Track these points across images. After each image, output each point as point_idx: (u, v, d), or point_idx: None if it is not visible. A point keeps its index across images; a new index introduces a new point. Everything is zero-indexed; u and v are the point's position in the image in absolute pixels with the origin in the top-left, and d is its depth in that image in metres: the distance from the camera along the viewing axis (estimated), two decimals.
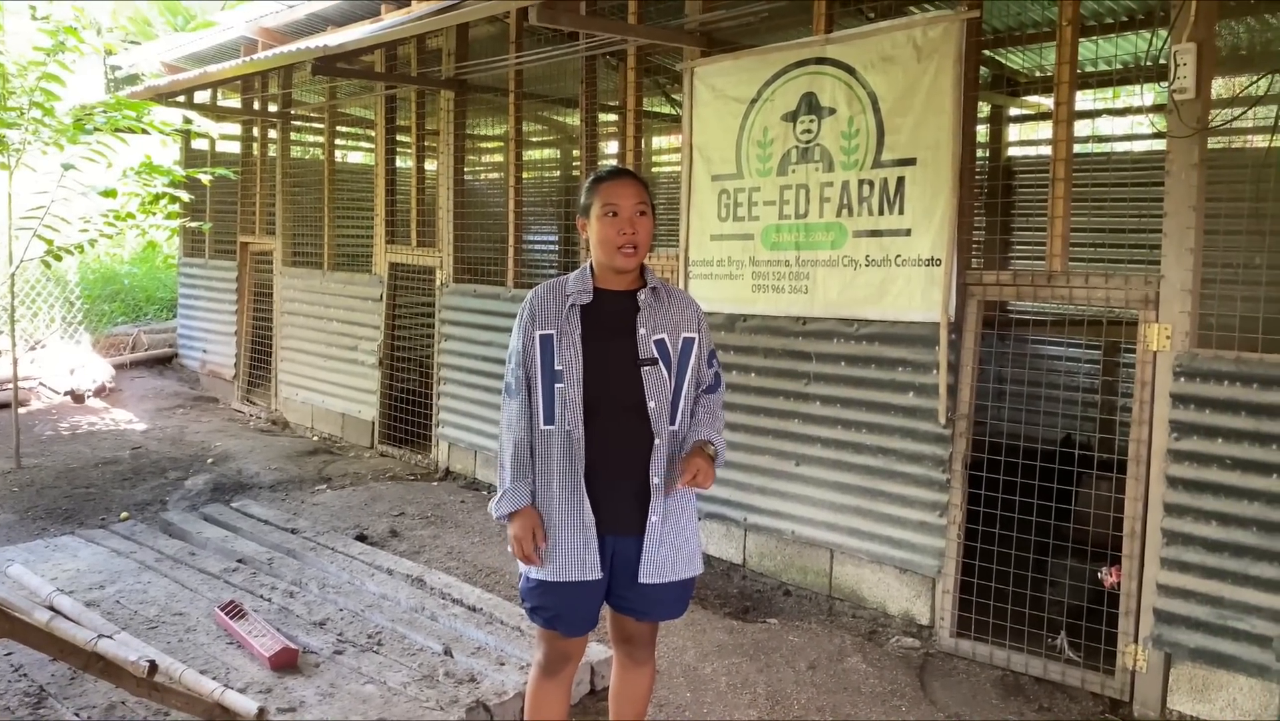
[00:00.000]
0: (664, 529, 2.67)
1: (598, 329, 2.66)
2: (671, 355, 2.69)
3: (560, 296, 2.70)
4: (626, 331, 2.67)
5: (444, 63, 7.05)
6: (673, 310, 2.74)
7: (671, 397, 2.69)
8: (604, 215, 2.65)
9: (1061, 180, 3.97)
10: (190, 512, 5.92)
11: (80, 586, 4.58)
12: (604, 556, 2.66)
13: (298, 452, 7.74)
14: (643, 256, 2.69)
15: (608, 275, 2.71)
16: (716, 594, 4.94)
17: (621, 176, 2.73)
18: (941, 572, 4.37)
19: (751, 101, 4.93)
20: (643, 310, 2.69)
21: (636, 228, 2.64)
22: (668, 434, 2.68)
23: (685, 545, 2.74)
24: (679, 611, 2.85)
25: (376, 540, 5.56)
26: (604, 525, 2.65)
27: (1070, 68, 3.94)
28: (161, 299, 12.69)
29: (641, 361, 2.65)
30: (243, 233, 9.80)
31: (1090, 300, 3.96)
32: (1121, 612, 3.85)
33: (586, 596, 2.70)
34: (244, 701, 3.15)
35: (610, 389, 2.64)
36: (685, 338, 2.73)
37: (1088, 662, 3.97)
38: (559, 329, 2.66)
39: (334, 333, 8.42)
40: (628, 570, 2.68)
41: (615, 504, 2.66)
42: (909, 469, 4.48)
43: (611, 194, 2.66)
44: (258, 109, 9.36)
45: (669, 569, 2.69)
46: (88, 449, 7.65)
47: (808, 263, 4.77)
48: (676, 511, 2.71)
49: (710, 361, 2.82)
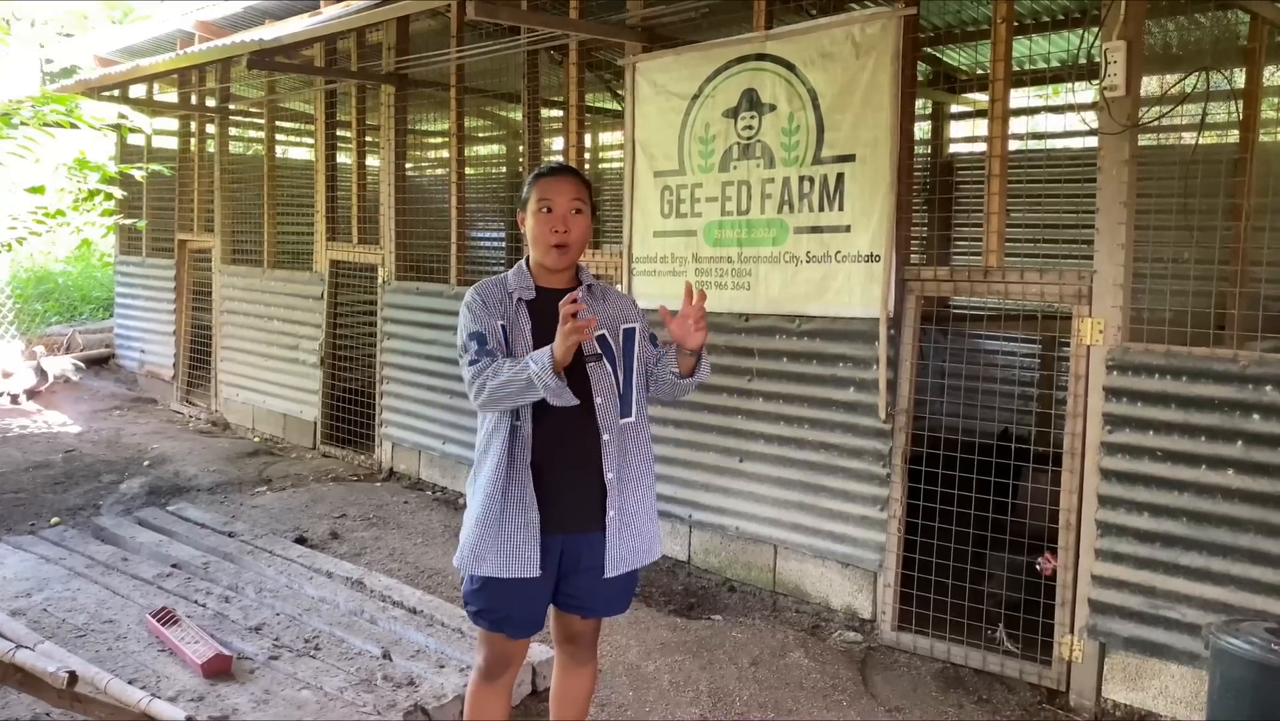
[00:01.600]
0: (623, 521, 2.66)
1: (544, 325, 2.61)
2: (615, 349, 2.68)
3: (503, 291, 2.66)
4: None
5: (384, 57, 6.95)
6: (609, 306, 2.73)
7: (621, 391, 2.67)
8: (538, 210, 2.62)
9: (997, 177, 4.01)
10: (124, 517, 5.78)
11: (6, 595, 4.43)
12: (551, 555, 2.63)
13: (238, 454, 7.59)
14: (576, 255, 2.66)
15: (543, 272, 2.68)
16: (661, 591, 4.93)
17: (561, 173, 2.69)
18: (883, 566, 4.39)
19: (693, 97, 4.92)
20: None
21: (569, 225, 2.60)
22: (618, 428, 2.66)
23: (646, 532, 2.74)
24: (623, 606, 2.84)
25: (316, 542, 5.46)
26: (554, 523, 2.61)
27: (1005, 65, 3.98)
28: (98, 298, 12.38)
29: (586, 357, 2.61)
30: (181, 230, 9.58)
31: (1026, 295, 4.01)
32: (1058, 604, 3.90)
33: (531, 596, 2.66)
34: (171, 710, 3.06)
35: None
36: (625, 329, 2.72)
37: (1025, 654, 4.02)
38: (509, 321, 2.63)
39: (275, 331, 8.28)
40: (578, 566, 2.66)
41: (566, 502, 2.63)
42: (850, 464, 4.50)
43: (547, 189, 2.63)
44: (195, 104, 9.16)
45: (631, 558, 2.70)
46: (18, 452, 7.44)
47: (750, 259, 4.77)
48: (635, 502, 2.70)
49: (654, 341, 2.82)
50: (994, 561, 4.26)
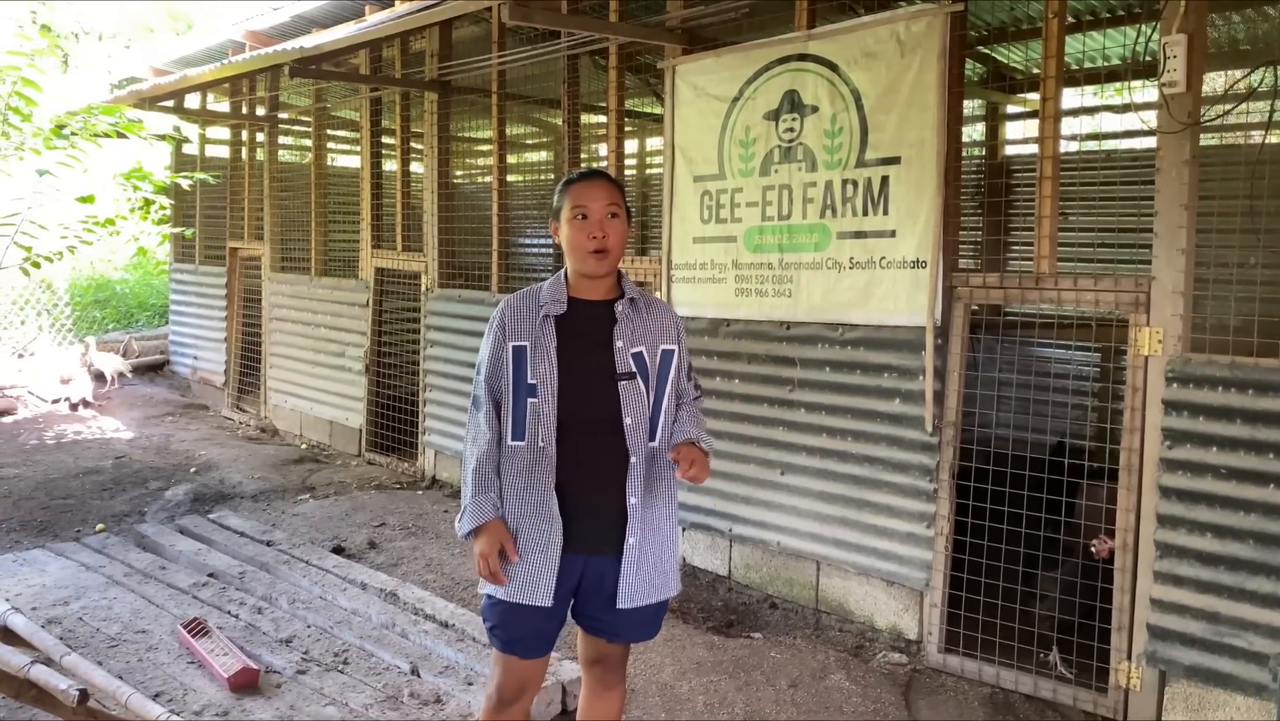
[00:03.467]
0: (641, 551, 2.55)
1: (573, 341, 2.53)
2: (650, 369, 2.57)
3: (533, 306, 2.57)
4: (603, 344, 2.54)
5: (427, 64, 6.93)
6: (651, 322, 2.61)
7: (650, 413, 2.57)
8: (574, 218, 2.52)
9: (1049, 179, 3.82)
10: (166, 525, 5.80)
11: (44, 603, 4.46)
12: (572, 577, 2.54)
13: (283, 461, 7.62)
14: (615, 261, 2.56)
15: (582, 283, 2.59)
16: (700, 607, 4.80)
17: (592, 178, 2.60)
18: (929, 585, 4.22)
19: (733, 100, 4.80)
20: (620, 322, 2.56)
21: (607, 230, 2.50)
22: (645, 451, 2.55)
23: (663, 566, 2.62)
24: (652, 632, 2.73)
25: (354, 552, 5.43)
26: (578, 545, 2.52)
27: (1057, 63, 3.79)
28: (153, 305, 12.59)
29: (619, 375, 2.52)
30: (232, 238, 9.69)
31: (1079, 303, 3.81)
32: (1114, 628, 3.70)
33: (543, 620, 2.57)
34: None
35: (585, 404, 2.51)
36: (664, 350, 2.61)
37: (1080, 680, 3.82)
38: (532, 341, 2.53)
39: (321, 339, 8.31)
40: (601, 591, 2.56)
41: (590, 523, 2.53)
42: (895, 478, 4.34)
43: (581, 195, 2.53)
44: (245, 113, 9.25)
45: (646, 592, 2.57)
46: (70, 458, 7.54)
47: (791, 265, 4.62)
48: (655, 531, 2.59)
49: (690, 375, 2.72)
50: (1046, 581, 4.06)
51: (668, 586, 2.64)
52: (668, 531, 2.64)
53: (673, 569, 2.66)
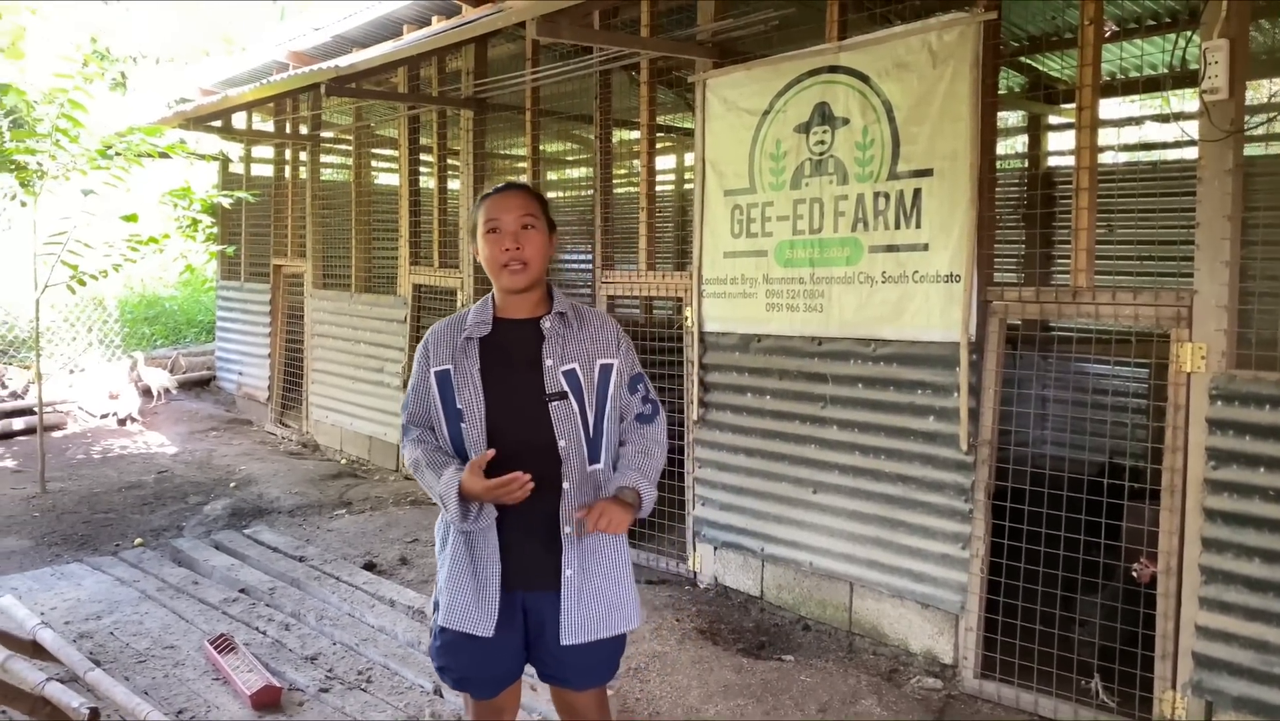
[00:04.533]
0: (582, 583, 2.38)
1: (498, 362, 2.41)
2: (584, 387, 2.41)
3: (458, 330, 2.45)
4: (531, 364, 2.40)
5: (463, 82, 6.96)
6: (585, 336, 2.45)
7: (590, 434, 2.41)
8: (487, 232, 2.39)
9: (1085, 190, 3.71)
10: (202, 540, 5.85)
11: (77, 617, 4.50)
12: (513, 613, 2.39)
13: (322, 476, 7.67)
14: (535, 273, 2.41)
15: (509, 302, 2.45)
16: (731, 628, 4.71)
17: (506, 190, 2.47)
18: (964, 609, 4.10)
19: (764, 113, 4.74)
20: (548, 339, 2.41)
21: (521, 242, 2.37)
22: (583, 475, 2.39)
23: (612, 598, 2.43)
24: (607, 676, 2.54)
25: (385, 568, 5.42)
26: (514, 579, 2.37)
27: (1094, 71, 3.68)
28: (201, 321, 12.81)
29: (549, 396, 2.37)
30: (276, 255, 9.81)
31: (1118, 317, 3.69)
32: (1158, 655, 3.56)
33: (492, 654, 2.41)
34: None
35: (516, 428, 2.36)
36: (602, 364, 2.45)
37: (1122, 709, 3.67)
38: (456, 364, 2.40)
39: (361, 354, 8.36)
40: (544, 631, 2.40)
41: (526, 557, 2.37)
42: (930, 498, 4.23)
43: (493, 209, 2.40)
44: (289, 131, 9.38)
45: (591, 627, 2.39)
46: (114, 473, 7.66)
47: (822, 280, 4.54)
48: (598, 561, 2.42)
49: (635, 386, 2.51)
50: (1087, 606, 3.92)
51: (618, 620, 2.44)
52: (614, 560, 2.46)
53: (625, 601, 2.46)
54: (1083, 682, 3.82)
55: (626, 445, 2.49)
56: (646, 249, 5.59)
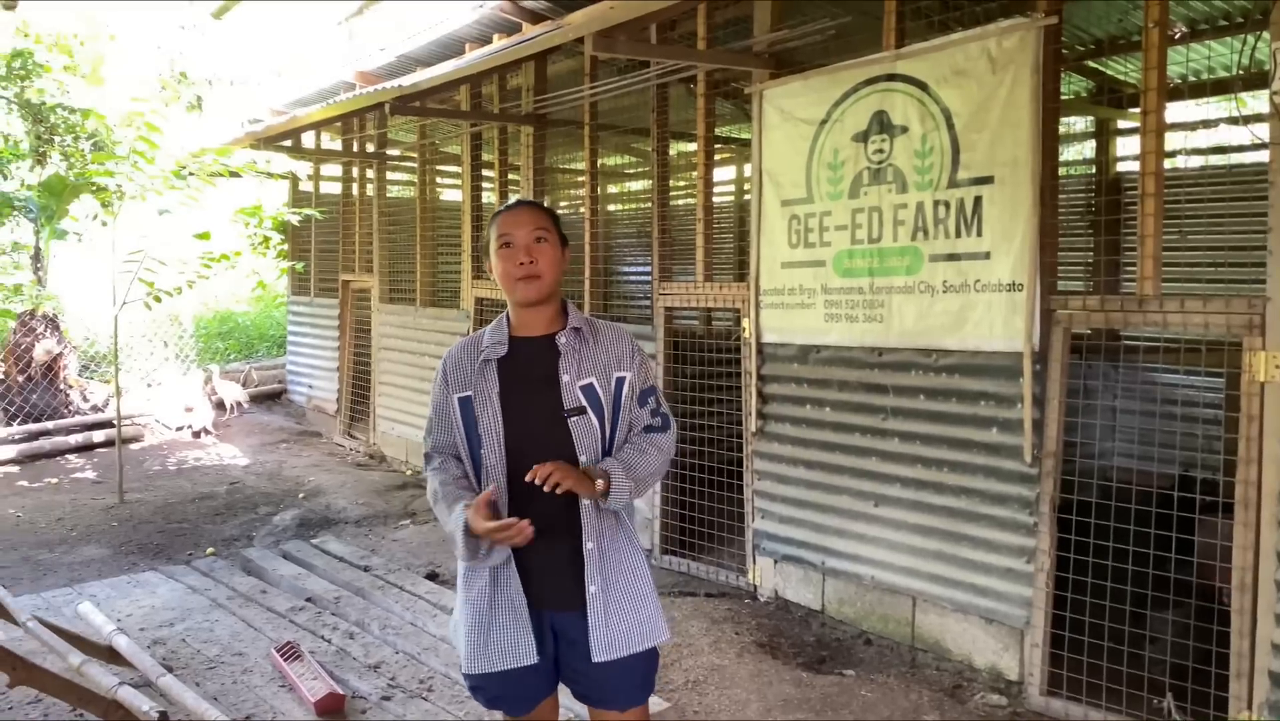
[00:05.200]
0: (608, 597, 2.34)
1: (516, 382, 2.39)
2: (603, 400, 2.39)
3: (474, 353, 2.43)
4: (548, 381, 2.37)
5: (523, 98, 7.05)
6: (600, 350, 2.43)
7: (609, 449, 2.39)
8: (500, 247, 2.38)
9: (1152, 196, 3.62)
10: (271, 549, 5.99)
11: (151, 623, 4.64)
12: (543, 633, 2.37)
13: (388, 487, 7.79)
14: (548, 286, 2.38)
15: (523, 319, 2.43)
16: (791, 642, 4.67)
17: (518, 206, 2.46)
18: (1030, 624, 4.01)
19: (821, 123, 4.72)
20: (564, 355, 2.39)
21: (534, 255, 2.35)
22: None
23: (638, 611, 2.39)
24: (644, 696, 2.47)
25: (448, 578, 5.48)
26: (538, 601, 2.35)
27: (1159, 74, 3.60)
28: (273, 336, 13.12)
29: (568, 412, 2.35)
30: (344, 270, 10.02)
31: (1187, 325, 3.59)
32: (1232, 674, 3.44)
33: (524, 677, 2.37)
34: None
35: (536, 447, 2.32)
36: (617, 377, 2.42)
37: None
38: (475, 388, 2.38)
39: (426, 367, 8.48)
40: (574, 650, 2.38)
41: (549, 576, 2.35)
42: (993, 511, 4.15)
43: (505, 224, 2.39)
44: (356, 150, 9.58)
45: (624, 641, 2.35)
46: (188, 484, 7.87)
47: (882, 289, 4.50)
48: (621, 574, 2.39)
49: (645, 400, 2.46)
50: (1158, 622, 3.82)
51: (648, 633, 2.40)
52: (635, 572, 2.42)
53: (652, 614, 2.41)
54: (1154, 701, 3.71)
55: (626, 445, 2.44)
56: (704, 260, 5.60)
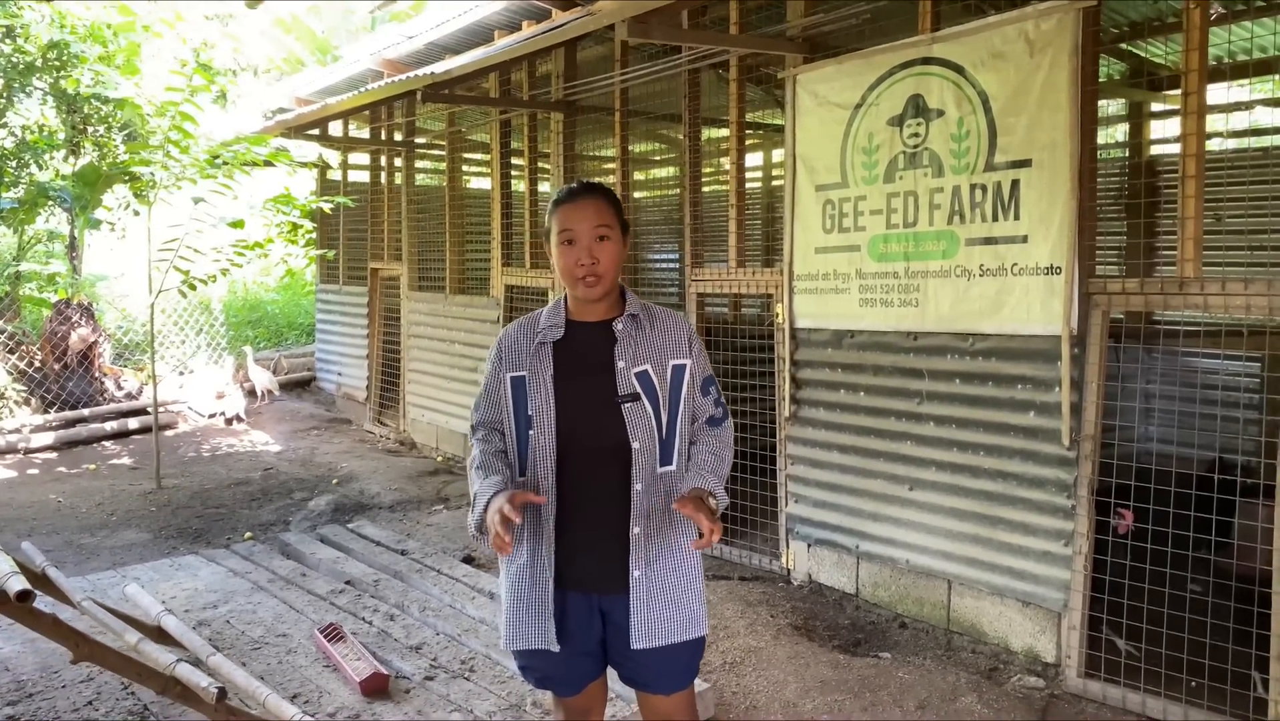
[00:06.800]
0: (651, 584, 2.35)
1: (571, 366, 2.39)
2: (658, 387, 2.39)
3: (531, 334, 2.44)
4: (603, 366, 2.38)
5: (553, 85, 7.07)
6: (656, 336, 2.43)
7: (663, 435, 2.38)
8: (561, 243, 2.36)
9: (1192, 178, 3.61)
10: (308, 533, 6.06)
11: (195, 605, 4.71)
12: (587, 617, 2.38)
13: (419, 473, 7.86)
14: (609, 284, 2.38)
15: (580, 306, 2.43)
16: (826, 625, 4.70)
17: (580, 197, 2.40)
18: (1068, 607, 4.02)
19: (855, 107, 4.71)
20: (620, 341, 2.39)
21: (597, 255, 2.33)
22: (652, 477, 2.36)
23: (684, 601, 2.39)
24: (686, 682, 2.48)
25: (484, 562, 5.55)
26: (583, 583, 2.36)
27: (1200, 55, 3.58)
28: (301, 324, 13.22)
29: (621, 398, 2.35)
30: (373, 259, 10.09)
31: (1228, 308, 3.58)
32: (1273, 657, 3.45)
33: (570, 661, 2.41)
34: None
35: (587, 431, 2.35)
36: (675, 365, 2.42)
37: (1235, 711, 3.56)
38: (530, 370, 2.39)
39: (456, 355, 8.55)
40: (619, 634, 2.38)
41: (596, 559, 2.36)
42: (1030, 494, 4.16)
43: (567, 218, 2.36)
44: (384, 138, 9.63)
45: (664, 630, 2.35)
46: (224, 470, 7.97)
47: (917, 274, 4.50)
48: (668, 561, 2.39)
49: (708, 389, 2.47)
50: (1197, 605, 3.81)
51: (692, 625, 2.40)
52: (684, 562, 2.42)
53: (696, 605, 2.42)
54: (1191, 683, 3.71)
55: (699, 447, 2.45)
56: (736, 245, 5.61)
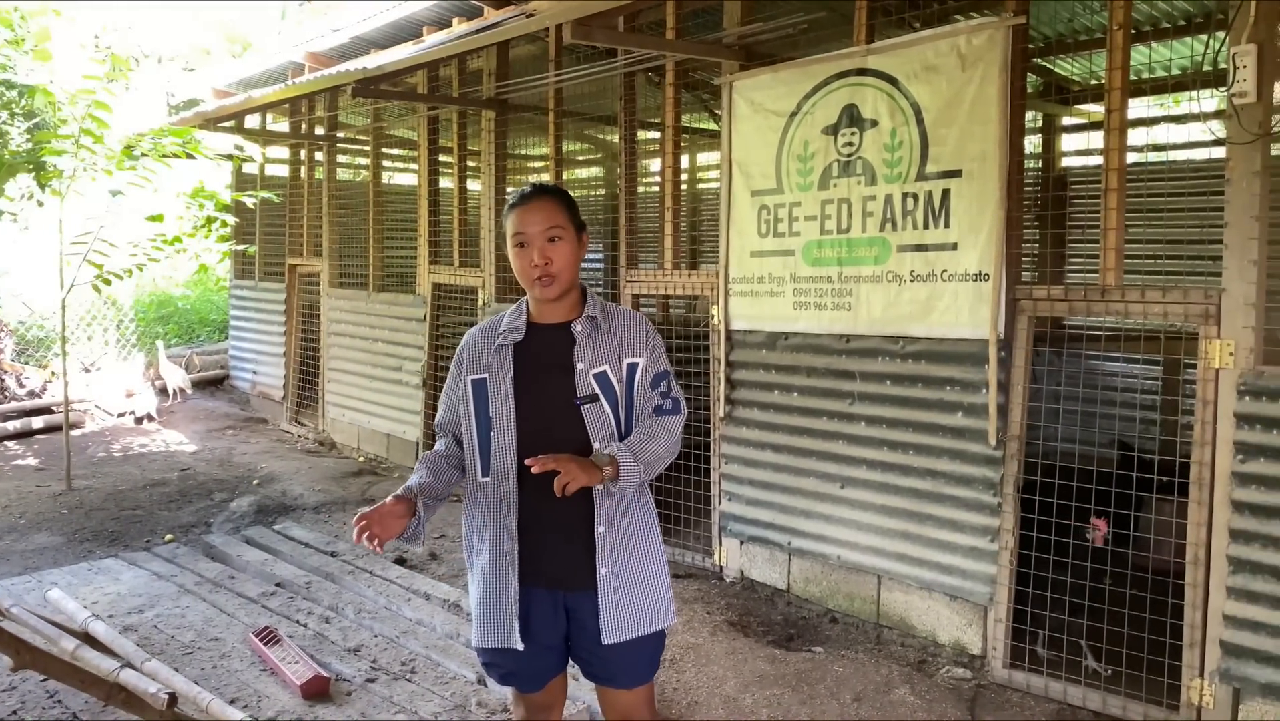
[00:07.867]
0: (618, 579, 2.41)
1: (531, 368, 2.44)
2: (617, 387, 2.44)
3: (492, 337, 2.49)
4: (563, 368, 2.42)
5: (484, 83, 7.04)
6: (614, 337, 2.47)
7: (622, 435, 2.43)
8: (515, 246, 2.41)
9: (1114, 191, 3.80)
10: (232, 535, 5.93)
11: (120, 610, 4.58)
12: (551, 615, 2.44)
13: (342, 474, 7.74)
14: (564, 284, 2.42)
15: (540, 308, 2.49)
16: (760, 621, 4.80)
17: (531, 200, 2.43)
18: (993, 600, 4.19)
19: (791, 115, 4.82)
20: (579, 343, 2.44)
21: (549, 256, 2.38)
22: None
23: (649, 594, 2.45)
24: (650, 673, 2.55)
25: (416, 563, 5.50)
26: (548, 580, 2.42)
27: (1122, 74, 3.77)
28: (214, 321, 12.87)
29: (581, 400, 2.40)
30: (291, 255, 9.89)
31: (1147, 315, 3.78)
32: (1185, 644, 3.65)
33: (533, 658, 2.47)
34: None
35: (547, 432, 2.39)
36: (629, 363, 2.46)
37: (1150, 697, 3.77)
38: (491, 372, 2.44)
39: (379, 353, 8.44)
40: (585, 630, 2.43)
41: (560, 558, 2.41)
42: (958, 492, 4.32)
43: (520, 221, 2.40)
44: (305, 132, 9.45)
45: (632, 624, 2.42)
46: (137, 470, 7.73)
47: (850, 279, 4.63)
48: (633, 557, 2.44)
49: (658, 383, 2.49)
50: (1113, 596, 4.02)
51: (656, 616, 2.47)
52: (648, 555, 2.48)
53: (662, 597, 2.49)
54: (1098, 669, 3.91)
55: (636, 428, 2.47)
56: (671, 248, 5.68)
